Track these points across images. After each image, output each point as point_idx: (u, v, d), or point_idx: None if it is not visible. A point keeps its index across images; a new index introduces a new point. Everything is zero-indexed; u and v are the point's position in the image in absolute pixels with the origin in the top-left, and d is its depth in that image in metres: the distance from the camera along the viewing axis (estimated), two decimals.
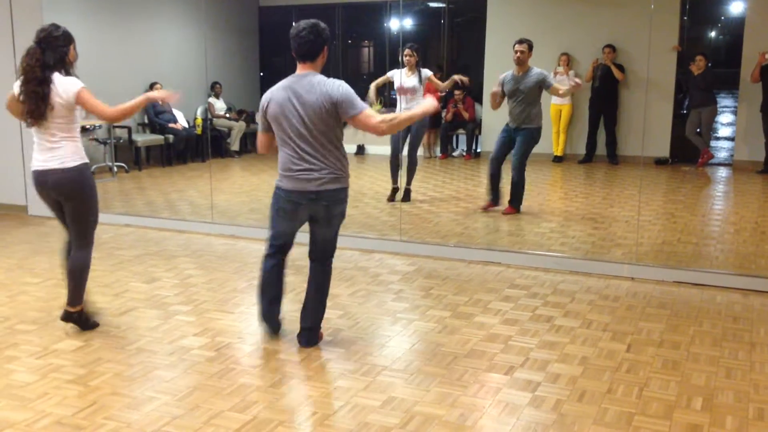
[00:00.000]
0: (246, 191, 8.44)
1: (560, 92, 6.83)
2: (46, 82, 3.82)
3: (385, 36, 10.45)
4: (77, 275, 4.07)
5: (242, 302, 4.70)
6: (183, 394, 3.38)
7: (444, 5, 10.83)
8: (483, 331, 4.16)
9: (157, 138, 9.60)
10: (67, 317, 4.11)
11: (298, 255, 5.80)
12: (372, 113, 3.61)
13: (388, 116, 3.64)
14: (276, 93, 3.67)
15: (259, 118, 3.80)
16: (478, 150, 9.78)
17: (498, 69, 8.36)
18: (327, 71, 3.77)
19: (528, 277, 5.23)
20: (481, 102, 9.45)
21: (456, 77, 7.51)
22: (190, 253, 5.91)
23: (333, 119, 3.61)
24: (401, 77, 7.31)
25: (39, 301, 4.69)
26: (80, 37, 4.17)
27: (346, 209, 3.84)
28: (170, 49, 10.14)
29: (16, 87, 3.90)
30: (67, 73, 3.93)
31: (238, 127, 10.52)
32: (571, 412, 3.20)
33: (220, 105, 10.55)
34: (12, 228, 6.85)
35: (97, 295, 4.80)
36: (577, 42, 9.10)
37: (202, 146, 9.99)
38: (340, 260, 5.67)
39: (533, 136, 6.71)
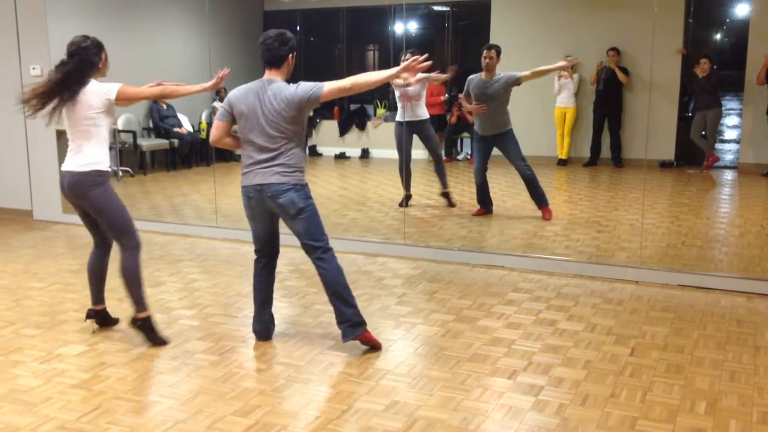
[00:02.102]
0: None
1: (539, 71, 6.61)
2: (76, 90, 3.86)
3: (389, 39, 10.46)
4: (126, 280, 4.07)
5: (246, 306, 4.71)
6: (186, 398, 3.39)
7: (448, 8, 10.83)
8: (486, 335, 4.16)
9: (161, 142, 9.61)
10: (132, 323, 4.10)
11: (301, 259, 5.81)
12: (333, 81, 3.77)
13: (351, 78, 3.79)
14: (240, 93, 3.82)
15: (221, 108, 3.91)
16: None
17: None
18: (332, 74, 3.83)
19: (531, 280, 5.23)
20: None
21: (432, 75, 7.40)
22: (194, 257, 5.92)
23: (291, 122, 3.75)
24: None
25: (43, 306, 4.70)
26: None
27: (303, 204, 3.81)
28: (174, 53, 10.17)
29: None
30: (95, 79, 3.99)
31: None
32: (574, 416, 3.19)
33: None
34: (17, 232, 6.88)
35: None
36: (581, 45, 9.09)
37: (207, 150, 10.00)
38: (343, 263, 5.66)
39: (512, 136, 6.71)
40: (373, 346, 3.93)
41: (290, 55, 3.85)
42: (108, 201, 3.98)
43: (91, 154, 3.93)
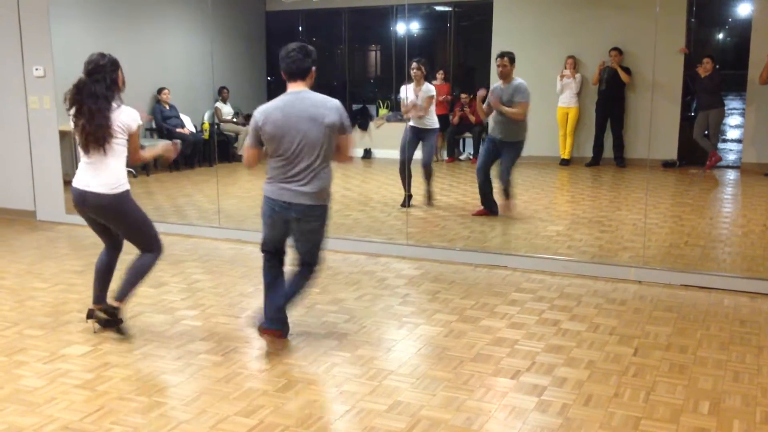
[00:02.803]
0: (253, 196, 8.45)
1: (508, 112, 6.62)
2: (105, 112, 3.90)
3: (392, 40, 10.46)
4: (134, 272, 4.15)
5: (249, 307, 4.71)
6: (190, 398, 3.39)
7: (450, 9, 10.83)
8: (489, 335, 4.16)
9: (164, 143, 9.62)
10: (106, 309, 4.16)
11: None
12: (352, 140, 3.89)
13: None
14: (273, 112, 3.73)
15: (249, 132, 3.85)
16: None
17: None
18: (334, 75, 3.85)
19: (534, 280, 5.23)
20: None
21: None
22: (197, 258, 5.93)
23: (328, 137, 3.72)
24: (408, 92, 7.33)
25: (47, 306, 4.71)
26: (87, 43, 4.23)
27: (323, 228, 3.90)
28: (177, 54, 10.18)
29: (71, 121, 4.01)
30: (119, 98, 4.03)
31: (245, 131, 10.52)
32: (577, 417, 3.19)
33: (227, 110, 10.58)
34: (21, 233, 6.89)
35: None
36: (584, 45, 9.08)
37: (210, 151, 10.01)
38: (346, 264, 5.69)
39: (519, 151, 6.71)
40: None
41: (313, 68, 3.84)
42: (136, 218, 4.08)
43: (118, 173, 4.00)
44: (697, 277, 5.07)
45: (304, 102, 3.72)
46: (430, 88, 7.42)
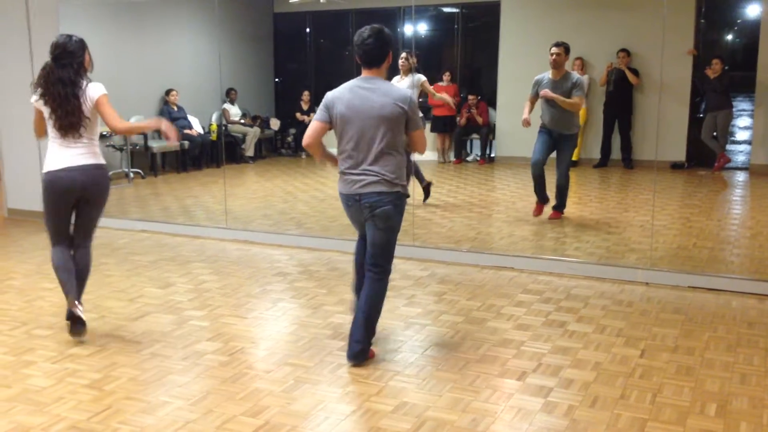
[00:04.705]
0: (260, 197, 8.48)
1: (566, 103, 6.58)
2: (75, 96, 3.92)
3: (399, 41, 10.47)
4: (85, 273, 4.26)
5: (255, 307, 4.73)
6: (196, 398, 3.40)
7: (457, 10, 10.84)
8: (496, 337, 4.16)
9: (172, 144, 9.66)
10: (73, 315, 4.11)
11: (311, 261, 5.82)
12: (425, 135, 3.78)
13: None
14: (344, 93, 3.66)
15: (319, 109, 3.72)
16: (492, 155, 9.76)
17: (512, 73, 8.36)
18: (341, 76, 3.80)
19: (541, 282, 5.22)
20: (494, 107, 9.44)
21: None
22: (204, 259, 5.95)
23: (400, 124, 3.64)
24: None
25: (55, 307, 4.73)
26: (96, 44, 4.23)
27: (398, 216, 3.74)
28: (185, 55, 10.22)
29: (39, 104, 4.00)
30: (87, 78, 4.04)
31: (253, 132, 10.57)
32: (583, 418, 3.19)
33: (235, 111, 10.61)
34: (29, 234, 6.92)
35: (112, 300, 4.85)
36: (592, 46, 9.07)
37: (217, 152, 10.04)
38: (351, 265, 5.67)
39: (575, 143, 6.71)
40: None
41: (390, 52, 3.73)
42: (106, 199, 4.19)
43: (96, 149, 4.09)
44: (704, 279, 5.05)
45: (375, 89, 3.62)
46: (419, 76, 7.35)
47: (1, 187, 7.87)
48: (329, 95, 3.70)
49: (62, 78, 3.91)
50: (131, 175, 9.11)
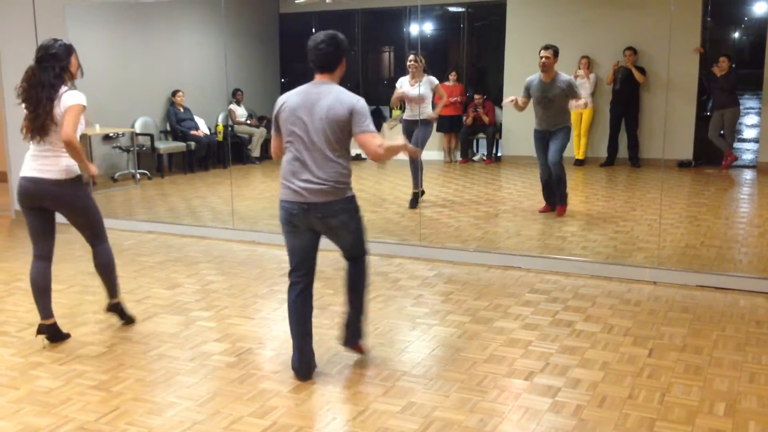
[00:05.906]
0: (267, 197, 8.48)
1: (572, 106, 6.77)
2: (50, 99, 3.83)
3: (405, 41, 10.47)
4: (107, 271, 4.30)
5: (263, 308, 4.73)
6: (204, 399, 3.41)
7: (463, 9, 10.82)
8: (503, 336, 4.15)
9: (179, 145, 9.68)
10: (112, 308, 4.37)
11: (320, 262, 5.82)
12: (376, 136, 3.51)
13: (387, 142, 3.56)
14: (291, 98, 3.59)
15: (272, 120, 3.72)
16: (499, 154, 9.75)
17: (518, 72, 8.34)
18: (348, 77, 3.77)
19: (548, 281, 5.21)
20: (501, 106, 9.43)
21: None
22: (211, 259, 5.96)
23: (343, 131, 3.50)
24: (406, 85, 7.31)
25: (63, 308, 4.74)
26: (103, 45, 4.24)
27: (356, 216, 3.66)
28: (191, 56, 10.24)
29: (22, 106, 3.96)
30: (72, 85, 3.97)
31: (259, 133, 10.58)
32: (591, 418, 3.18)
33: (241, 112, 10.62)
34: None
35: None
36: (598, 45, 9.06)
37: (224, 153, 10.06)
38: None
39: (567, 133, 6.75)
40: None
41: (343, 58, 3.60)
42: (89, 204, 4.13)
43: (68, 159, 3.94)
44: (712, 277, 5.03)
45: (321, 94, 3.51)
46: (433, 79, 7.36)
47: (8, 189, 7.89)
48: (278, 101, 3.63)
49: (42, 80, 3.85)
50: (138, 176, 9.13)
